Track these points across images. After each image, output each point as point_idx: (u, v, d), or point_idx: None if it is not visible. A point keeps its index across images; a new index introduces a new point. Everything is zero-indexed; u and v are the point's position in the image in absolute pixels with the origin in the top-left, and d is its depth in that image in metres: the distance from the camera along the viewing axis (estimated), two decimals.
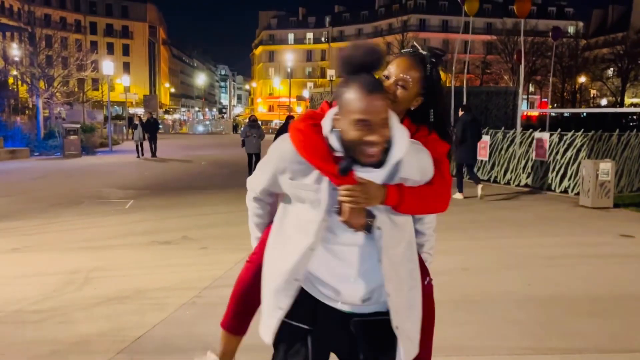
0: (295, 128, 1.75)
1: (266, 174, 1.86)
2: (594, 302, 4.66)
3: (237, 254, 6.14)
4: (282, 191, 1.84)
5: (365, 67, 1.63)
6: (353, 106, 1.58)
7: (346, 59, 1.65)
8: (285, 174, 1.74)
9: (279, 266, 1.80)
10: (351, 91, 1.59)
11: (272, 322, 1.81)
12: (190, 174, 15.14)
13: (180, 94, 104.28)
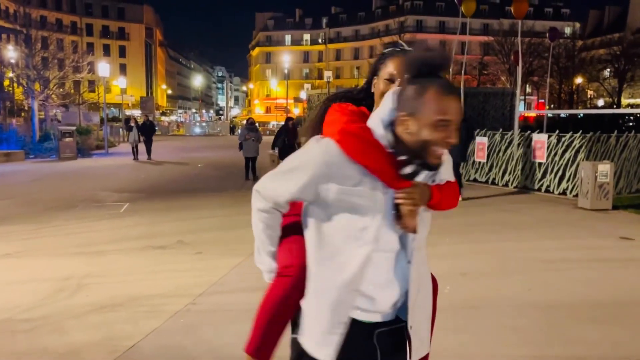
0: (348, 132, 1.65)
1: (299, 180, 1.68)
2: (596, 308, 4.58)
3: (232, 259, 6.08)
4: (314, 199, 1.70)
5: (437, 68, 1.62)
6: (434, 107, 1.56)
7: (421, 61, 1.62)
8: (332, 181, 1.64)
9: (334, 280, 1.71)
10: (431, 92, 1.57)
11: (334, 338, 1.71)
12: (187, 177, 15.04)
13: (177, 96, 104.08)
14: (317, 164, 1.63)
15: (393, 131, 1.63)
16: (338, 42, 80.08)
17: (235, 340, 3.89)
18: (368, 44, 75.08)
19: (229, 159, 20.51)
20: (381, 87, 1.85)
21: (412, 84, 1.60)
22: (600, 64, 49.93)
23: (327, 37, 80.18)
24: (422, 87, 1.58)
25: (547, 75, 34.32)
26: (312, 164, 1.64)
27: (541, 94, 50.21)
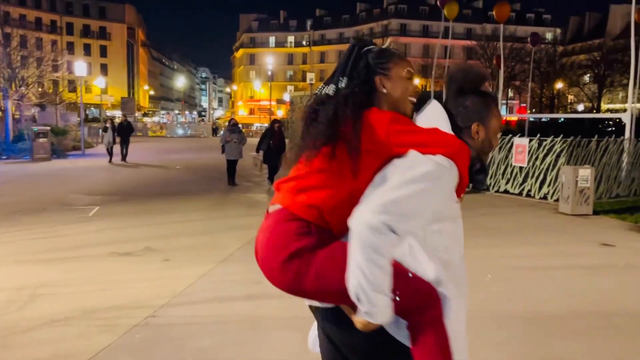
0: (465, 149, 1.64)
1: (441, 195, 1.57)
2: (577, 320, 4.39)
3: (200, 267, 5.79)
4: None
5: (479, 84, 1.79)
6: (499, 116, 1.79)
7: (468, 77, 1.78)
8: (453, 196, 1.66)
9: (465, 303, 1.70)
10: (494, 104, 1.79)
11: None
12: (163, 179, 14.66)
13: (159, 97, 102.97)
14: (452, 178, 1.58)
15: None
16: (322, 45, 79.92)
17: (194, 357, 3.61)
18: None
19: (209, 161, 20.13)
20: (400, 90, 1.76)
21: (474, 97, 1.75)
22: (580, 70, 50.49)
23: (311, 39, 80.00)
24: (488, 100, 1.77)
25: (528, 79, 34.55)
26: (449, 178, 1.57)
27: (523, 98, 50.61)
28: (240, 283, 5.29)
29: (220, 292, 5.01)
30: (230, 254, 6.43)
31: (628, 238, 7.70)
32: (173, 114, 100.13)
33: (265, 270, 1.67)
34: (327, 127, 1.65)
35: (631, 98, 13.51)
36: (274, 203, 1.72)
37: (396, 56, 1.81)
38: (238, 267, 5.90)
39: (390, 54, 1.81)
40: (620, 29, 59.04)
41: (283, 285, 1.64)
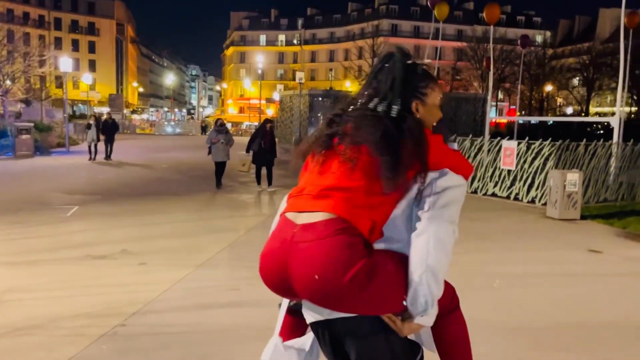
0: (471, 169, 1.83)
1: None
2: (563, 333, 4.25)
3: (178, 272, 5.59)
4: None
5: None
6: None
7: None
8: None
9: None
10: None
11: None
12: (147, 179, 14.40)
13: (149, 94, 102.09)
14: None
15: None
16: (313, 44, 79.69)
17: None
18: (343, 47, 74.94)
19: (196, 160, 19.87)
20: (431, 117, 1.86)
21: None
22: (569, 73, 50.74)
23: (302, 38, 79.73)
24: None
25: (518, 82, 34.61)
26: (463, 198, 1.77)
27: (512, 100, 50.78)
28: (217, 289, 5.10)
29: (196, 299, 4.82)
30: (209, 258, 6.23)
31: (615, 244, 7.60)
32: (162, 111, 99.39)
33: (318, 290, 1.58)
34: (400, 152, 1.65)
35: (619, 102, 13.48)
36: (313, 209, 1.63)
37: (434, 80, 1.84)
38: (216, 272, 5.71)
39: (430, 78, 1.83)
40: (609, 32, 59.46)
41: (341, 302, 1.59)
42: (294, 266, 1.59)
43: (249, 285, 5.21)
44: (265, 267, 1.69)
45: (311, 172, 1.76)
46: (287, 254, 1.61)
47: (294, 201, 1.70)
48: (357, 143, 1.67)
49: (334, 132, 1.75)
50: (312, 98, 29.29)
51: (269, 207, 10.26)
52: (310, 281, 1.56)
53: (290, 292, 1.66)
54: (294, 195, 1.73)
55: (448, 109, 28.15)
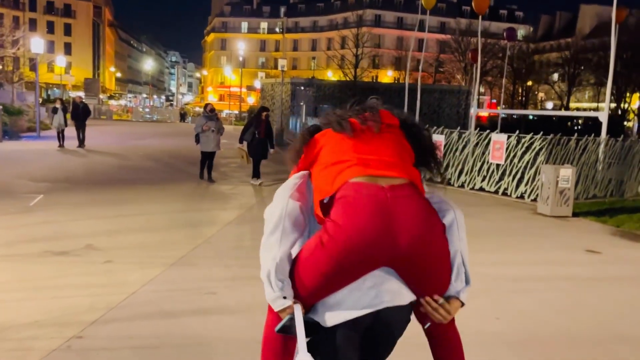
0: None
1: None
2: (572, 346, 3.84)
3: (148, 271, 5.05)
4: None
5: None
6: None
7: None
8: None
9: None
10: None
11: None
12: (121, 167, 13.70)
13: (127, 79, 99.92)
14: None
15: None
16: (296, 32, 78.70)
17: None
18: (326, 36, 74.11)
19: (175, 148, 19.18)
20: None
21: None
22: (552, 68, 50.90)
23: (284, 26, 78.65)
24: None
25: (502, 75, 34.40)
26: None
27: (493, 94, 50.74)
28: (190, 293, 4.58)
29: (167, 304, 4.29)
30: (182, 255, 5.69)
31: (612, 244, 7.28)
32: (140, 97, 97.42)
33: (417, 245, 1.64)
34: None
35: (608, 97, 13.25)
36: (387, 174, 1.70)
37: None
38: (190, 272, 5.18)
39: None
40: (589, 28, 59.89)
41: (440, 257, 1.73)
42: (401, 217, 1.61)
43: (226, 289, 4.71)
44: (369, 222, 1.60)
45: (358, 145, 1.80)
46: (391, 206, 1.62)
47: (363, 168, 1.71)
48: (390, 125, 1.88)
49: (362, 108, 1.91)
50: (295, 87, 28.62)
51: (249, 198, 9.72)
52: (419, 229, 1.62)
53: (387, 250, 1.62)
54: (356, 163, 1.73)
55: (432, 100, 27.81)
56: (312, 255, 1.69)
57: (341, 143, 1.83)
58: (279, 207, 1.81)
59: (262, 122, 11.09)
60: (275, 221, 1.79)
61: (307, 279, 1.71)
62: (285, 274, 1.74)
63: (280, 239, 1.75)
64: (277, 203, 1.83)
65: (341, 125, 1.85)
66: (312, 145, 1.92)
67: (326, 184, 1.75)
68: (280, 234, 1.76)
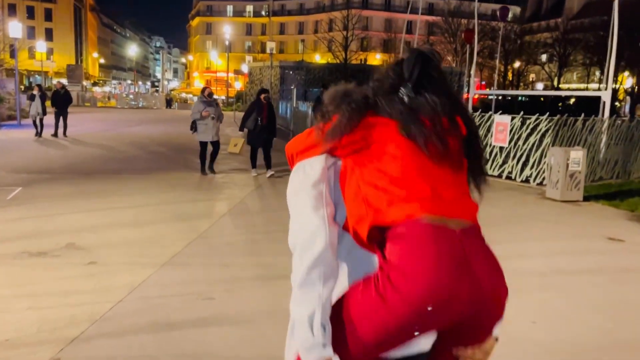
0: None
1: None
2: (622, 354, 3.39)
3: (137, 273, 4.52)
4: None
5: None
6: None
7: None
8: None
9: None
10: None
11: None
12: (106, 156, 13.04)
13: (110, 65, 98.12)
14: None
15: None
16: (282, 15, 77.44)
17: None
18: (313, 19, 72.95)
19: (162, 135, 18.53)
20: None
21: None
22: (542, 48, 50.53)
23: (270, 9, 77.29)
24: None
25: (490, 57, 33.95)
26: None
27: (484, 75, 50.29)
28: (185, 298, 4.06)
29: (159, 313, 3.77)
30: (175, 253, 5.16)
31: (632, 231, 6.86)
32: (125, 84, 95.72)
33: (495, 300, 1.34)
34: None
35: (611, 76, 12.84)
36: (462, 217, 1.36)
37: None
38: (184, 273, 4.65)
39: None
40: (577, 8, 59.50)
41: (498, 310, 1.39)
42: (478, 269, 1.31)
43: (225, 292, 4.20)
44: (448, 279, 1.25)
45: (428, 166, 1.37)
46: (468, 256, 1.31)
47: (436, 207, 1.34)
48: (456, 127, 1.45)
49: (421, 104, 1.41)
50: (284, 70, 28.01)
51: (243, 188, 9.18)
52: (498, 281, 1.35)
53: (466, 307, 1.30)
54: (428, 198, 1.35)
55: None
56: (366, 308, 1.30)
57: (406, 152, 1.40)
58: (318, 236, 1.37)
59: (264, 106, 10.03)
60: (315, 255, 1.35)
61: (361, 335, 1.32)
62: (328, 317, 1.35)
63: (323, 276, 1.36)
64: (307, 225, 1.38)
65: (419, 134, 1.38)
66: (365, 130, 1.41)
67: (380, 203, 1.35)
68: (322, 270, 1.36)
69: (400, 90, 1.42)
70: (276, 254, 5.01)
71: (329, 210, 1.42)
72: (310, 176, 1.46)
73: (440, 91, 1.44)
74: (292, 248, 1.40)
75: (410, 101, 1.40)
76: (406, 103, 1.40)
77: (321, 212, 1.40)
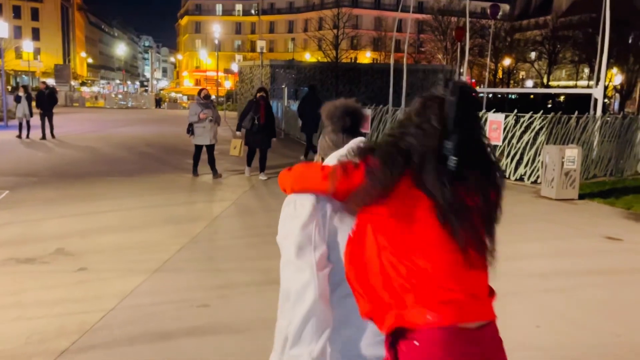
0: None
1: None
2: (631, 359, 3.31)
3: (128, 280, 4.38)
4: None
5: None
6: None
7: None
8: None
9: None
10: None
11: None
12: (95, 158, 12.83)
13: (99, 65, 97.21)
14: None
15: None
16: (272, 14, 77.14)
17: None
18: (303, 17, 72.73)
19: (152, 136, 18.31)
20: None
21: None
22: (532, 46, 50.71)
23: (260, 8, 76.97)
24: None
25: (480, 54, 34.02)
26: None
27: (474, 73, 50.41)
28: (179, 306, 3.93)
29: (152, 322, 3.64)
30: (167, 259, 5.02)
31: (630, 229, 6.81)
32: (114, 83, 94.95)
33: None
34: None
35: (604, 73, 12.81)
36: (484, 319, 1.37)
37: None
38: (177, 279, 4.52)
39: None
40: (565, 5, 59.81)
41: None
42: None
43: (220, 299, 4.07)
44: None
45: (458, 259, 1.34)
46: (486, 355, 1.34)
47: (465, 313, 1.30)
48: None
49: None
50: (274, 69, 27.80)
51: (236, 189, 9.02)
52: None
53: None
54: (449, 301, 1.29)
55: (415, 81, 27.25)
56: None
57: (439, 244, 1.35)
58: (307, 289, 1.39)
59: (261, 106, 9.67)
60: (306, 309, 1.39)
61: None
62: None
63: (315, 329, 1.39)
64: (297, 274, 1.41)
65: (460, 237, 1.35)
66: (399, 201, 1.34)
67: (404, 294, 1.32)
68: (314, 323, 1.39)
69: (445, 152, 1.32)
70: (272, 258, 4.86)
71: (317, 254, 1.39)
72: (300, 217, 1.42)
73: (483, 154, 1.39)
74: (286, 296, 1.43)
75: (456, 175, 1.32)
76: (450, 175, 1.31)
77: (309, 260, 1.38)
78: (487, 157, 1.40)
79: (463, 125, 1.33)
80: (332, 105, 1.64)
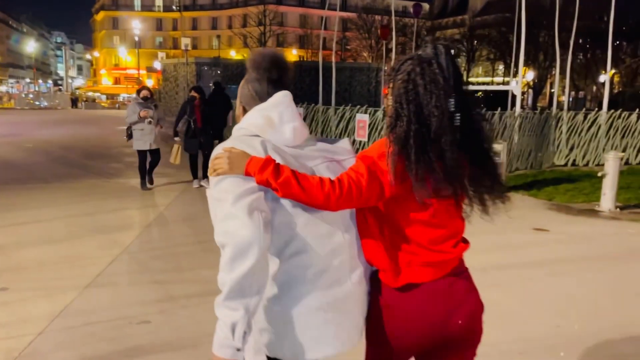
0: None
1: None
2: (574, 350, 3.45)
3: (57, 299, 4.04)
4: None
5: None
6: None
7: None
8: None
9: None
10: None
11: None
12: (6, 164, 11.88)
13: (6, 63, 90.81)
14: None
15: None
16: (194, 10, 75.27)
17: None
18: (227, 14, 71.53)
19: (68, 138, 17.27)
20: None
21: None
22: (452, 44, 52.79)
23: (181, 4, 74.86)
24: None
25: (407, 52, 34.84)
26: None
27: None
28: (116, 324, 3.66)
29: (87, 345, 3.36)
30: (98, 273, 4.69)
31: (555, 220, 7.19)
32: (24, 82, 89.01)
33: (475, 331, 1.72)
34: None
35: (521, 69, 13.50)
36: (455, 266, 1.75)
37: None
38: (112, 295, 4.22)
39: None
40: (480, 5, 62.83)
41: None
42: (459, 304, 1.67)
43: (161, 314, 3.84)
44: (429, 325, 1.62)
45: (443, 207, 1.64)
46: (454, 295, 1.68)
47: (437, 270, 1.65)
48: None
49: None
50: (200, 67, 27.07)
51: (167, 193, 8.64)
52: (475, 326, 1.68)
53: (443, 336, 1.64)
54: (431, 261, 1.63)
55: (342, 79, 27.50)
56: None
57: (408, 200, 1.60)
58: (252, 247, 1.38)
59: (196, 106, 8.84)
60: (248, 267, 1.39)
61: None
62: (251, 324, 1.45)
63: (254, 286, 1.43)
64: (241, 230, 1.38)
65: (425, 187, 1.58)
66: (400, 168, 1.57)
67: (402, 259, 1.67)
68: (253, 281, 1.42)
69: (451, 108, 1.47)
70: (212, 267, 4.65)
71: (263, 215, 1.40)
72: (248, 179, 1.45)
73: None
74: (220, 246, 1.41)
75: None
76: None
77: (256, 218, 1.37)
78: (475, 115, 1.57)
79: (459, 82, 1.49)
80: (258, 54, 1.65)
